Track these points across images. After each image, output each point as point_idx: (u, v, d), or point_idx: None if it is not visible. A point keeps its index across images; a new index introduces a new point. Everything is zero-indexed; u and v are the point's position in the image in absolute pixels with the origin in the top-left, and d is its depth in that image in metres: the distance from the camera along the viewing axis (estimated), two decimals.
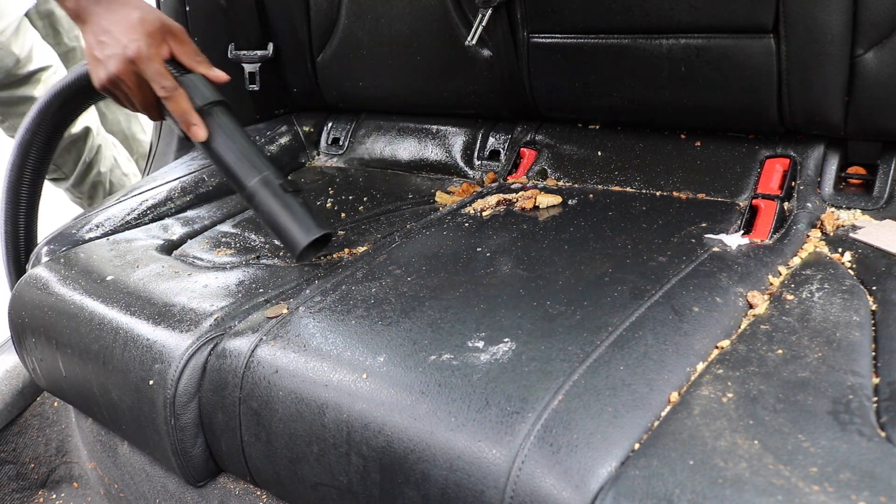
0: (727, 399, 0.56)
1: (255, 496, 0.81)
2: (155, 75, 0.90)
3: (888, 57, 0.84)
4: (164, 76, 0.91)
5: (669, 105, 1.01)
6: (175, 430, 0.77)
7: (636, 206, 0.96)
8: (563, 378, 0.59)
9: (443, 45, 1.18)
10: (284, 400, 0.69)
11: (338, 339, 0.71)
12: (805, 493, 0.47)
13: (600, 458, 0.53)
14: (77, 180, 2.10)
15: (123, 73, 0.90)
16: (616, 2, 0.97)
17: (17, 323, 0.97)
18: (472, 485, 0.56)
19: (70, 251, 1.03)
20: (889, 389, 0.57)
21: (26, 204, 1.17)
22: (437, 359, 0.65)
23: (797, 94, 0.91)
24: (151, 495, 0.94)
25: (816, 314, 0.68)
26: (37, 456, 1.17)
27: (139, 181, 1.26)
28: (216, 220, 1.14)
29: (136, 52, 0.88)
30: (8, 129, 2.05)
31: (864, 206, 0.90)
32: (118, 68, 0.89)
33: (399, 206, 1.14)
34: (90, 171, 2.11)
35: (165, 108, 0.93)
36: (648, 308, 0.69)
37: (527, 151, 1.17)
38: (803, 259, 0.80)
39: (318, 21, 1.32)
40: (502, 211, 1.00)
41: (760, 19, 0.88)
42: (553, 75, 1.09)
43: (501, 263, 0.82)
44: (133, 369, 0.80)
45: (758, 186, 0.95)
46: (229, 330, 0.78)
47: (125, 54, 0.89)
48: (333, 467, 0.66)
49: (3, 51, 1.88)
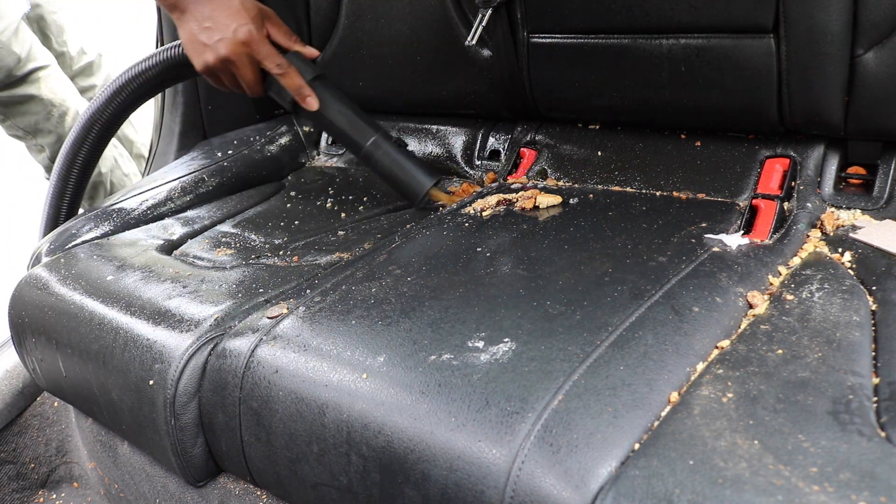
0: (727, 399, 0.56)
1: (255, 496, 0.81)
2: (268, 55, 1.00)
3: (888, 57, 0.84)
4: (276, 55, 1.01)
5: (669, 105, 1.01)
6: (175, 430, 0.77)
7: (636, 206, 0.96)
8: (563, 378, 0.59)
9: (443, 45, 1.18)
10: (284, 400, 0.69)
11: (338, 339, 0.71)
12: (805, 493, 0.47)
13: (600, 458, 0.53)
14: None
15: (235, 55, 0.98)
16: (616, 2, 0.97)
17: (17, 323, 0.97)
18: (472, 485, 0.56)
19: (70, 251, 1.03)
20: (889, 389, 0.57)
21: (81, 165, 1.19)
22: (437, 359, 0.65)
23: (797, 94, 0.91)
24: (151, 495, 0.94)
25: (816, 314, 0.68)
26: (37, 456, 1.17)
27: (139, 181, 1.26)
28: (216, 220, 1.14)
29: (248, 35, 0.97)
30: (10, 129, 2.06)
31: (864, 206, 0.90)
32: (230, 50, 0.97)
33: (399, 206, 1.14)
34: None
35: (276, 84, 1.03)
36: (648, 308, 0.69)
37: (527, 151, 1.17)
38: (803, 259, 0.80)
39: (318, 21, 1.32)
40: (502, 211, 1.00)
41: (760, 19, 0.88)
42: (553, 75, 1.09)
43: (501, 263, 0.82)
44: (133, 369, 0.80)
45: (758, 186, 0.95)
46: (229, 330, 0.78)
47: (236, 38, 0.97)
48: (333, 467, 0.66)
49: (5, 50, 1.89)
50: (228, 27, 0.97)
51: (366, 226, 1.06)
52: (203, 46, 0.98)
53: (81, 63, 2.24)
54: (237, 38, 0.97)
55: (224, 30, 0.97)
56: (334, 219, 1.11)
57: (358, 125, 1.07)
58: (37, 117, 2.00)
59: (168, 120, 1.44)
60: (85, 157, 1.19)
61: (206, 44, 0.98)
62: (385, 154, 1.06)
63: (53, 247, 1.07)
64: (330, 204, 1.17)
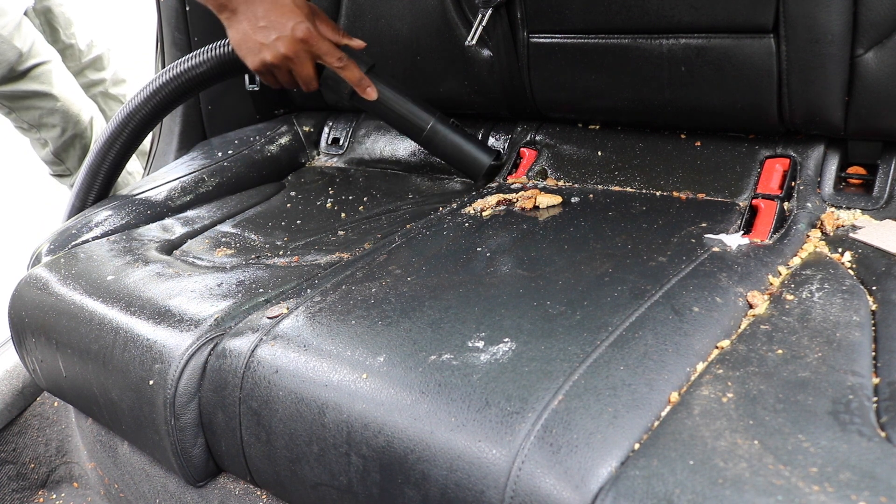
0: (727, 399, 0.56)
1: (255, 496, 0.81)
2: (328, 51, 1.03)
3: (888, 57, 0.84)
4: (335, 50, 1.04)
5: (669, 105, 1.01)
6: (175, 430, 0.77)
7: (636, 206, 0.96)
8: (563, 378, 0.59)
9: (443, 45, 1.18)
10: (284, 400, 0.69)
11: (338, 339, 0.71)
12: (805, 493, 0.47)
13: (600, 458, 0.53)
14: None
15: (294, 53, 1.00)
16: (616, 2, 0.97)
17: (17, 323, 0.97)
18: (472, 485, 0.56)
19: (70, 251, 1.03)
20: (889, 389, 0.57)
21: (113, 160, 1.19)
22: (437, 359, 0.65)
23: (797, 94, 0.91)
24: (151, 495, 0.94)
25: (816, 314, 0.68)
26: (37, 456, 1.17)
27: (139, 181, 1.26)
28: (216, 220, 1.14)
29: (306, 33, 1.00)
30: (15, 121, 2.06)
31: (864, 206, 0.90)
32: (289, 49, 1.00)
33: (399, 206, 1.14)
34: None
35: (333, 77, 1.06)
36: (648, 308, 0.69)
37: (527, 151, 1.17)
38: (803, 259, 0.80)
39: None
40: (502, 211, 1.00)
41: (760, 19, 0.88)
42: (553, 75, 1.09)
43: (501, 263, 0.82)
44: (133, 369, 0.80)
45: (758, 186, 0.95)
46: (229, 330, 0.78)
47: (295, 36, 0.99)
48: (333, 467, 0.66)
49: (6, 45, 1.89)
50: (286, 26, 0.99)
51: (366, 226, 1.06)
52: (260, 45, 1.00)
53: (91, 56, 2.24)
54: (296, 35, 0.99)
55: (281, 28, 0.99)
56: (334, 219, 1.11)
57: (415, 111, 1.12)
58: (40, 111, 2.01)
59: (168, 120, 1.44)
60: (118, 153, 1.18)
61: (264, 43, 1.00)
62: (445, 136, 1.12)
63: (53, 247, 1.07)
64: (330, 204, 1.17)
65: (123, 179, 2.20)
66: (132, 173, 2.23)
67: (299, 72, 1.04)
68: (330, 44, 1.03)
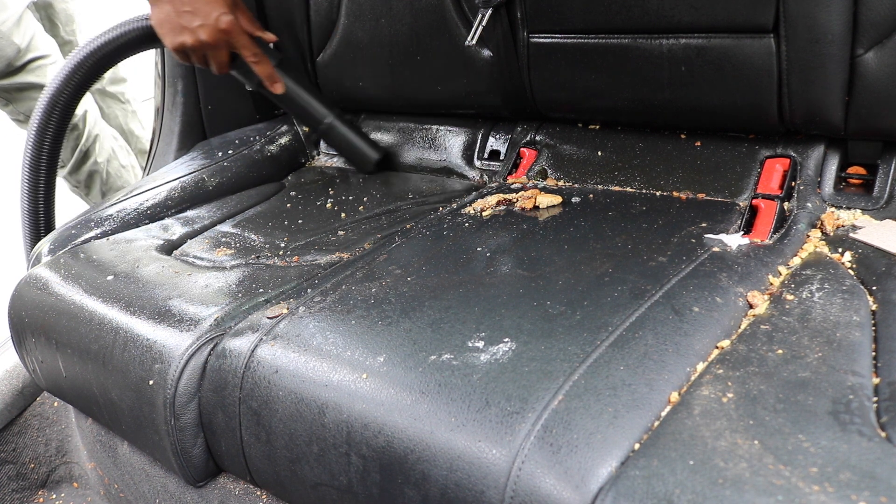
0: (727, 399, 0.56)
1: (255, 496, 0.81)
2: (246, 44, 1.09)
3: (888, 57, 0.84)
4: (252, 45, 1.10)
5: (669, 105, 1.01)
6: (175, 430, 0.77)
7: (636, 206, 0.96)
8: (563, 378, 0.59)
9: (443, 45, 1.18)
10: (284, 400, 0.69)
11: (338, 339, 0.71)
12: (805, 494, 0.47)
13: (600, 458, 0.53)
14: (73, 168, 2.11)
15: (214, 41, 1.06)
16: (616, 2, 0.97)
17: (17, 323, 0.97)
18: (472, 485, 0.56)
19: (70, 251, 1.03)
20: (889, 389, 0.57)
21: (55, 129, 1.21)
22: (437, 359, 0.65)
23: (797, 94, 0.91)
24: (151, 495, 0.94)
25: (816, 314, 0.68)
26: (37, 456, 1.17)
27: (139, 181, 1.26)
28: (216, 220, 1.14)
29: (229, 25, 1.05)
30: (12, 113, 2.06)
31: (864, 206, 0.90)
32: (210, 36, 1.05)
33: (399, 206, 1.14)
34: (86, 160, 2.11)
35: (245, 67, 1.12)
36: (648, 308, 0.69)
37: (527, 151, 1.17)
38: (803, 259, 0.80)
39: (318, 21, 1.32)
40: (502, 211, 1.00)
41: (760, 19, 0.88)
42: (553, 75, 1.09)
43: (501, 263, 0.82)
44: (133, 369, 0.80)
45: (758, 186, 0.95)
46: (229, 330, 0.78)
47: (218, 26, 1.04)
48: (333, 467, 0.66)
49: (5, 41, 1.89)
50: (210, 15, 1.03)
51: (366, 226, 1.06)
52: (181, 28, 1.05)
53: None
54: (219, 26, 1.04)
55: (205, 17, 1.03)
56: (334, 219, 1.11)
57: (316, 106, 1.24)
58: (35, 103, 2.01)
59: (168, 120, 1.44)
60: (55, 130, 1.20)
61: (186, 27, 1.04)
62: (340, 131, 1.26)
63: (53, 247, 1.07)
64: (330, 204, 1.17)
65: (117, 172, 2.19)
66: (126, 167, 2.22)
67: (215, 58, 1.09)
68: (248, 37, 1.09)
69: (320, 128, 1.25)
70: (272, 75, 1.14)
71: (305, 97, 1.22)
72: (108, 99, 2.30)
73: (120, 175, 2.20)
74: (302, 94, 1.22)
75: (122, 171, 2.20)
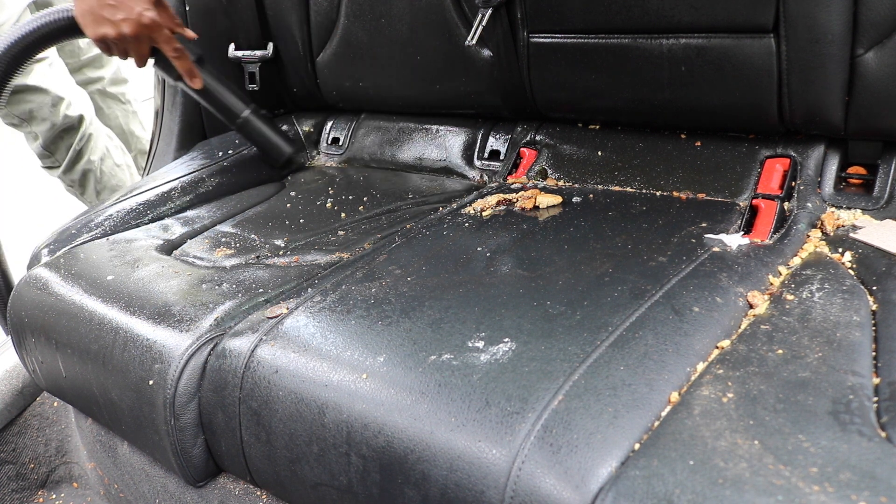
0: (727, 399, 0.56)
1: (255, 496, 0.81)
2: (167, 40, 1.11)
3: (888, 57, 0.84)
4: (173, 40, 1.12)
5: (669, 105, 1.01)
6: (175, 430, 0.77)
7: (636, 206, 0.96)
8: (563, 378, 0.59)
9: (443, 45, 1.18)
10: (284, 400, 0.69)
11: (338, 339, 0.71)
12: (805, 493, 0.47)
13: (600, 458, 0.53)
14: (67, 167, 2.11)
15: (135, 36, 1.08)
16: (616, 2, 0.97)
17: (17, 323, 0.97)
18: (472, 485, 0.56)
19: (70, 251, 1.03)
20: (889, 389, 0.57)
21: None
22: (437, 359, 0.65)
23: (797, 94, 0.91)
24: (151, 495, 0.94)
25: (817, 314, 0.68)
26: (37, 456, 1.17)
27: (139, 181, 1.26)
28: (216, 220, 1.14)
29: (152, 21, 1.07)
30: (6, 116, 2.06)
31: (864, 206, 0.90)
32: (132, 31, 1.07)
33: (399, 206, 1.14)
34: (80, 159, 2.11)
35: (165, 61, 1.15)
36: (648, 308, 0.69)
37: (527, 151, 1.17)
38: (803, 259, 0.80)
39: (318, 21, 1.32)
40: (502, 211, 1.00)
41: (760, 19, 0.88)
42: (553, 75, 1.09)
43: (501, 263, 0.82)
44: (133, 369, 0.80)
45: (758, 186, 0.95)
46: (229, 330, 0.78)
47: (140, 21, 1.06)
48: (333, 467, 0.66)
49: None
50: (133, 10, 1.06)
51: (366, 226, 1.06)
52: (104, 20, 1.07)
53: (90, 54, 2.24)
54: (142, 21, 1.07)
55: (128, 11, 1.06)
56: (334, 219, 1.11)
57: (233, 101, 1.25)
58: (31, 105, 2.01)
59: (168, 120, 1.44)
60: None
61: (108, 19, 1.06)
62: (255, 125, 1.27)
63: (53, 247, 1.07)
64: (330, 204, 1.17)
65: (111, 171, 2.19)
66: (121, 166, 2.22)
67: (136, 51, 1.11)
68: (169, 34, 1.12)
69: (237, 122, 1.26)
70: (191, 70, 1.17)
71: (223, 92, 1.24)
72: (108, 99, 2.30)
73: (114, 174, 2.19)
74: (220, 88, 1.24)
75: (116, 170, 2.19)
